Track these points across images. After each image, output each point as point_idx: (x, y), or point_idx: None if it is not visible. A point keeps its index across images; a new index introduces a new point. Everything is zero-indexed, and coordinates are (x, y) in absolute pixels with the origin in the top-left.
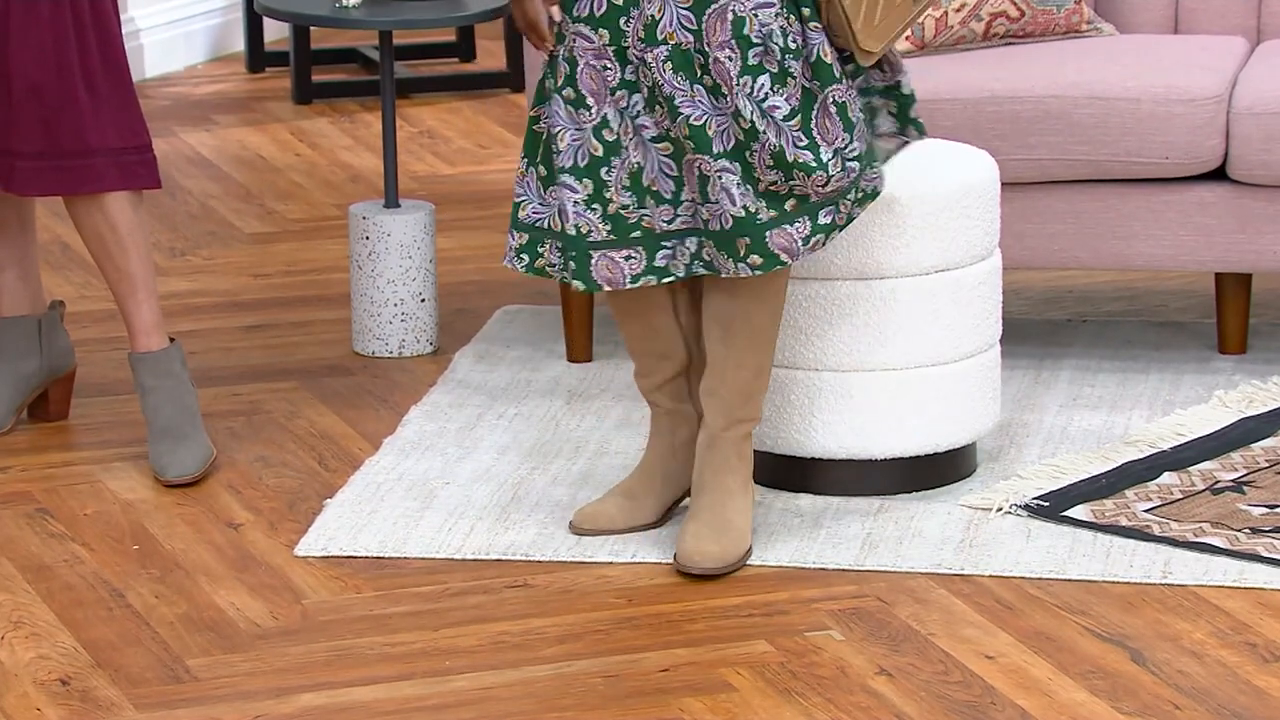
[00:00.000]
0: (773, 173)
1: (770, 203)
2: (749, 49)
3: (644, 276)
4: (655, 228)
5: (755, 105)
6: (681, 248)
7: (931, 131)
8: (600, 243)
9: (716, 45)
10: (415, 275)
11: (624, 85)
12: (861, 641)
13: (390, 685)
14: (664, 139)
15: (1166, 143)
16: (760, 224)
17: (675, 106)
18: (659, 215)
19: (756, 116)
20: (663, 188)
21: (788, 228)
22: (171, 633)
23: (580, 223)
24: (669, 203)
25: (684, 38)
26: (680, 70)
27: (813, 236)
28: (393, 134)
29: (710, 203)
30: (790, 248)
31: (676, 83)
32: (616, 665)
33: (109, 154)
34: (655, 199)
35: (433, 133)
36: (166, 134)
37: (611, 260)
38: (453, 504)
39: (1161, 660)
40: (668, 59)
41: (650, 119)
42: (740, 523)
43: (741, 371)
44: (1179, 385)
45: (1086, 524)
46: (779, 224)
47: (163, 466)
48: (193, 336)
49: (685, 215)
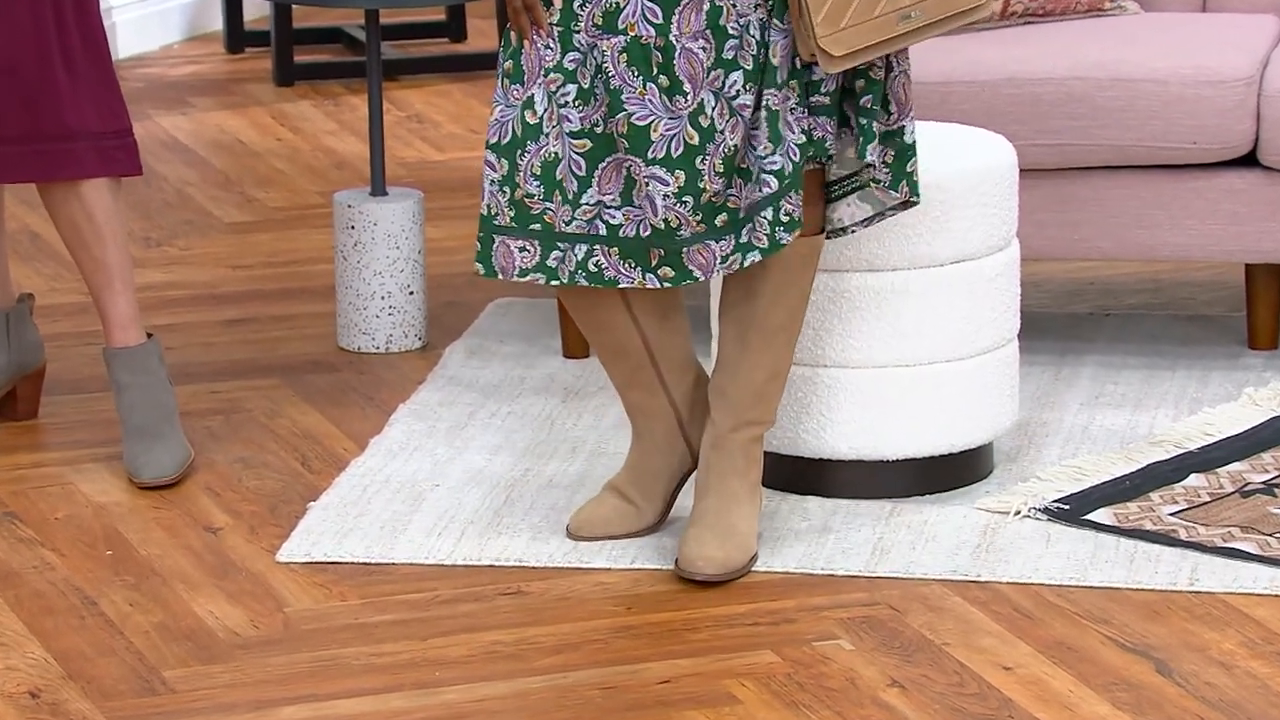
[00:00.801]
0: (719, 180)
1: (704, 214)
2: (725, 40)
3: (533, 273)
4: (555, 225)
5: (725, 102)
6: (571, 253)
7: (946, 115)
8: (503, 228)
9: (689, 36)
10: (403, 266)
11: (559, 70)
12: (872, 652)
13: (377, 698)
14: (585, 135)
15: (1194, 127)
16: (680, 239)
17: (620, 102)
18: (560, 213)
19: (719, 115)
20: (568, 186)
21: (711, 244)
22: (147, 643)
23: (491, 202)
24: (569, 203)
25: (645, 31)
26: (635, 65)
27: (732, 255)
28: (379, 118)
29: (631, 206)
30: (707, 265)
31: (628, 77)
32: (615, 676)
33: (88, 138)
34: (561, 195)
35: (421, 116)
36: (141, 117)
37: (508, 248)
38: (443, 507)
39: (1188, 672)
40: (624, 50)
41: (578, 112)
42: (745, 528)
43: (755, 373)
44: (1207, 382)
45: (1109, 528)
46: (703, 239)
47: (138, 468)
48: (169, 331)
49: (581, 220)
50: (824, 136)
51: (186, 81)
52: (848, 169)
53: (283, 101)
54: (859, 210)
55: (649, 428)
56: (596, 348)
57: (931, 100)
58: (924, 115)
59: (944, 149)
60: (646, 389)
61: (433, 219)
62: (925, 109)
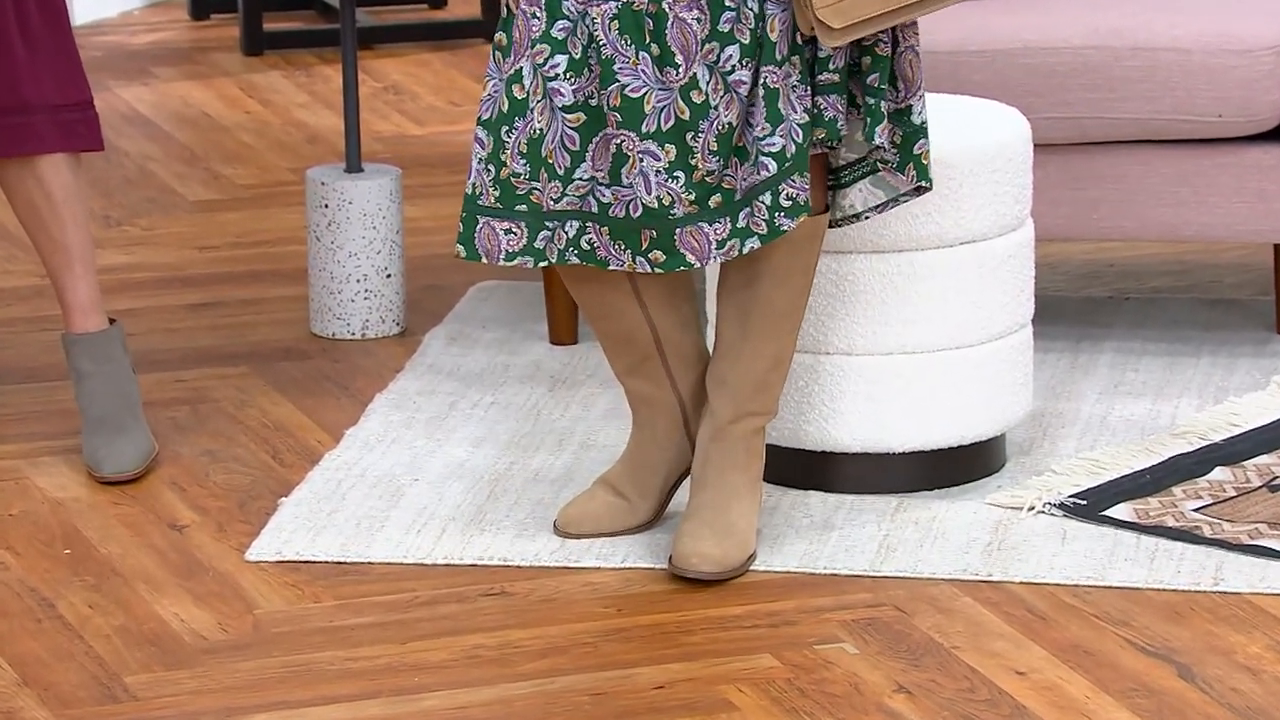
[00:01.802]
0: (714, 159)
1: (698, 194)
2: (721, 13)
3: (520, 256)
4: (543, 205)
5: (719, 77)
6: (561, 230)
7: (957, 87)
8: (487, 208)
9: (683, 5)
10: (380, 248)
11: (547, 40)
12: (878, 655)
13: (352, 705)
14: (578, 109)
15: (1219, 98)
16: (672, 219)
17: (613, 72)
18: (548, 191)
19: (713, 90)
20: (558, 161)
21: (704, 226)
22: (108, 647)
23: (476, 181)
24: (559, 179)
25: None
26: (626, 33)
27: (729, 240)
28: (354, 90)
29: (620, 185)
30: (701, 250)
31: (620, 46)
32: (605, 682)
33: (47, 111)
34: (549, 172)
35: (399, 88)
36: (100, 89)
37: (492, 230)
38: (422, 503)
39: (1212, 677)
40: (615, 18)
41: (570, 84)
42: (744, 525)
43: (757, 361)
44: (1233, 370)
45: (1129, 525)
46: (695, 221)
47: (98, 461)
48: (131, 316)
49: (573, 196)
50: (834, 116)
51: (148, 50)
52: (857, 152)
53: (251, 72)
54: (871, 196)
55: (650, 418)
56: (600, 335)
57: (941, 71)
58: (933, 87)
59: (954, 123)
60: (651, 380)
61: (411, 197)
62: (935, 80)
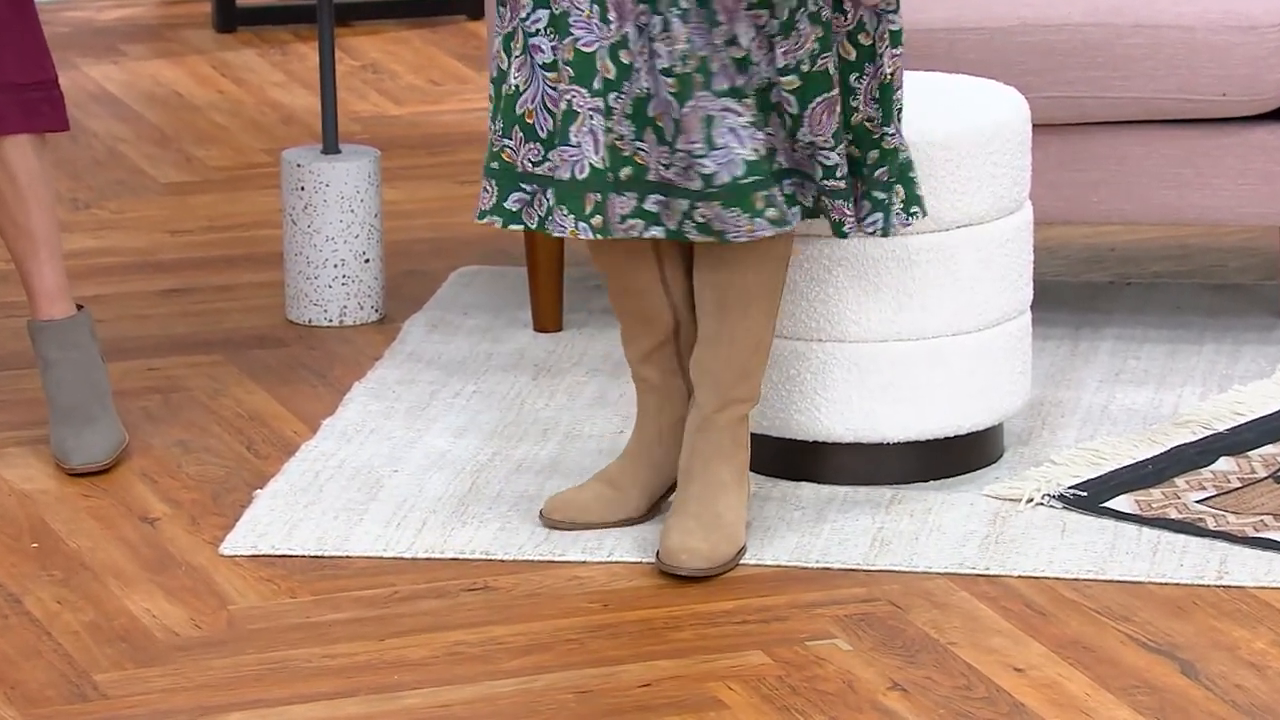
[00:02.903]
0: (627, 125)
1: (611, 160)
2: None
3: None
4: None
5: (647, 42)
6: (541, 196)
7: (953, 65)
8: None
9: None
10: (358, 232)
11: None
12: (871, 652)
13: (330, 703)
14: (555, 67)
15: (1224, 77)
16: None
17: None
18: (525, 152)
19: (638, 52)
20: (539, 123)
21: (615, 197)
22: (76, 644)
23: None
24: (538, 141)
25: None
26: None
27: (631, 219)
28: (331, 68)
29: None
30: (613, 219)
31: None
32: (590, 679)
33: (9, 90)
34: (526, 132)
35: (378, 66)
36: (67, 67)
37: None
38: (402, 495)
39: (1216, 673)
40: None
41: (549, 40)
42: (732, 518)
43: (736, 346)
44: (1237, 357)
45: (1130, 517)
46: (613, 190)
47: (66, 452)
48: (100, 302)
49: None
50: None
51: (117, 27)
52: None
53: (224, 50)
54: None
55: (658, 409)
56: (622, 314)
57: (937, 49)
58: (929, 66)
59: (950, 102)
60: (664, 368)
61: (390, 180)
62: (930, 59)
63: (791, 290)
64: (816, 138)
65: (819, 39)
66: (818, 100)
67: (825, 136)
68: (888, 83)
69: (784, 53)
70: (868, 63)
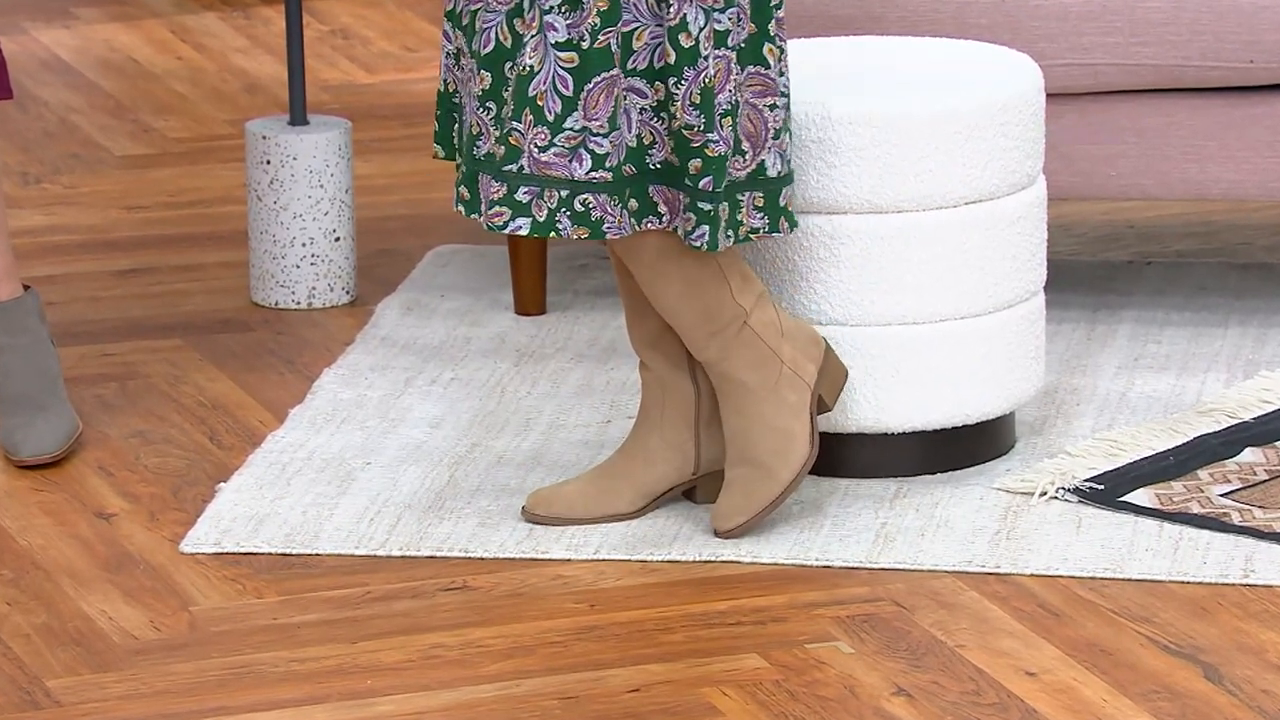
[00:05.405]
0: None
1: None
2: None
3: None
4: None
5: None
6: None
7: (962, 32)
8: None
9: None
10: (328, 208)
11: None
12: (875, 655)
13: (299, 710)
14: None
15: (1251, 43)
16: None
17: None
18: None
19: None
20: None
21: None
22: (27, 647)
23: None
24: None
25: None
26: None
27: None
28: (299, 33)
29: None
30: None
31: None
32: (575, 685)
33: None
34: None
35: (348, 32)
36: (14, 31)
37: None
38: (375, 489)
39: (1241, 678)
40: None
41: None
42: (772, 444)
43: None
44: (1264, 341)
45: (1150, 511)
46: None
47: (15, 444)
48: (52, 283)
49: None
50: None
51: None
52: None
53: (184, 13)
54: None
55: (664, 397)
56: (624, 294)
57: (945, 14)
58: (937, 32)
59: (959, 71)
60: (671, 358)
61: (362, 153)
62: (938, 25)
63: (791, 271)
64: (590, 123)
65: (601, 12)
66: (595, 80)
67: (600, 122)
68: (709, 86)
69: (570, 25)
70: (688, 66)
